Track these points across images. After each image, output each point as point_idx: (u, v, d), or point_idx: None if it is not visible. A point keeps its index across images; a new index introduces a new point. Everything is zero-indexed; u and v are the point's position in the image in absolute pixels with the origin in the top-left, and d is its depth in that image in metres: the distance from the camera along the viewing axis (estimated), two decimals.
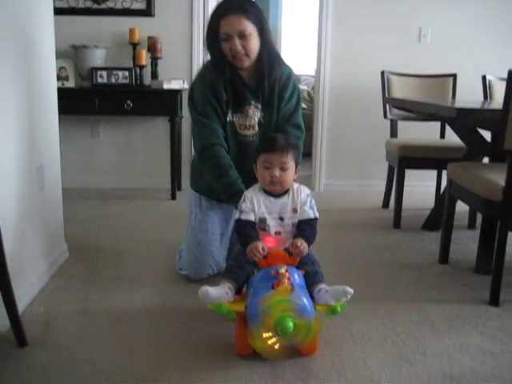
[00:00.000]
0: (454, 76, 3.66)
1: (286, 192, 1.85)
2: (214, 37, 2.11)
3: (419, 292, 2.30)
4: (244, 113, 2.19)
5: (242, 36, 2.06)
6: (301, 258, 1.76)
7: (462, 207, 3.04)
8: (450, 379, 1.62)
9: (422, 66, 3.87)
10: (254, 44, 2.10)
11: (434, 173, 3.68)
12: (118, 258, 2.60)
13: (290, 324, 1.51)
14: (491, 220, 2.37)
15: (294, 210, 1.82)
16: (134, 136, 4.17)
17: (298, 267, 1.75)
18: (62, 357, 1.68)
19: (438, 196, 3.45)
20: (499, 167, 2.30)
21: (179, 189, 4.05)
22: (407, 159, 3.21)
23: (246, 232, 1.80)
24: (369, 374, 1.63)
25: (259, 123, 2.22)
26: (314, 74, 4.72)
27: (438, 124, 3.67)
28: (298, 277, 1.70)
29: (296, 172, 1.87)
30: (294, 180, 1.88)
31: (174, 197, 3.86)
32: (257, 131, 2.22)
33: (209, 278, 2.29)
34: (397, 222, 3.26)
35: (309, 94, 6.08)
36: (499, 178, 2.16)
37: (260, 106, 2.21)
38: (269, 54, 2.16)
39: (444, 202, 2.67)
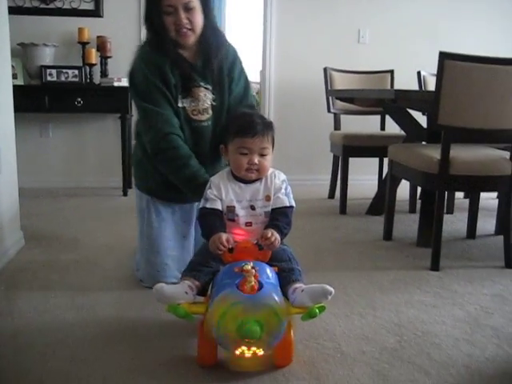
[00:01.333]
0: (392, 72, 3.89)
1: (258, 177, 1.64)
2: (155, 12, 1.96)
3: (366, 262, 2.45)
4: (195, 96, 2.00)
5: (188, 9, 1.93)
6: (275, 254, 1.55)
7: (403, 196, 3.27)
8: (399, 326, 1.77)
9: (361, 65, 4.07)
10: (199, 18, 1.97)
11: (377, 167, 3.89)
12: (74, 244, 2.63)
13: (256, 328, 1.31)
14: (430, 196, 2.55)
15: (267, 198, 1.61)
16: (84, 135, 4.18)
17: (270, 264, 1.53)
18: (29, 325, 1.72)
19: (381, 184, 3.63)
20: (435, 146, 2.48)
21: (130, 186, 4.07)
22: (351, 148, 3.39)
23: (210, 222, 1.57)
24: (324, 325, 1.76)
25: (212, 107, 2.04)
26: (258, 80, 4.88)
27: (378, 117, 3.88)
28: (270, 273, 1.47)
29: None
30: None
31: (125, 193, 3.90)
32: (210, 115, 2.03)
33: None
34: (343, 208, 3.43)
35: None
36: (435, 153, 2.36)
37: (210, 88, 2.03)
38: (213, 32, 2.04)
39: (386, 184, 2.85)
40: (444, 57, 2.20)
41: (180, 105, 1.99)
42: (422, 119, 3.13)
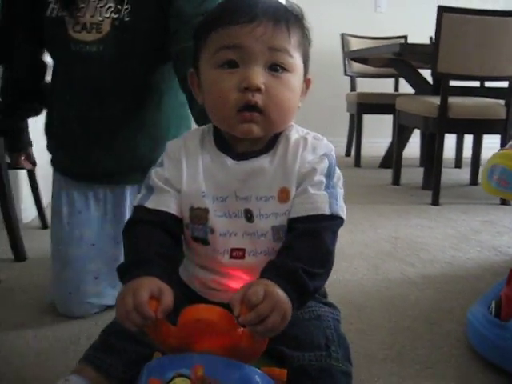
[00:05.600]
0: (405, 38, 4.11)
1: (270, 143, 0.79)
2: None
3: (373, 198, 2.74)
4: (82, 3, 1.23)
5: None
6: (291, 330, 0.66)
7: (412, 154, 3.52)
8: (395, 238, 2.06)
9: (378, 33, 4.29)
10: None
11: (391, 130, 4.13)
12: None
13: None
14: (433, 141, 2.80)
15: (283, 194, 0.76)
16: None
17: (272, 357, 0.71)
18: None
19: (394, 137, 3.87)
20: (437, 97, 2.73)
21: None
22: (364, 105, 3.65)
23: (140, 244, 0.73)
24: None
25: (117, 23, 1.22)
26: None
27: (392, 80, 4.12)
28: None
29: (305, 88, 0.84)
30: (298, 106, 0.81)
31: None
32: (104, 36, 1.23)
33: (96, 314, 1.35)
34: (357, 162, 3.70)
35: None
36: (436, 100, 2.61)
37: None
38: None
39: (395, 133, 3.12)
40: (442, 10, 2.45)
41: (52, 13, 1.25)
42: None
